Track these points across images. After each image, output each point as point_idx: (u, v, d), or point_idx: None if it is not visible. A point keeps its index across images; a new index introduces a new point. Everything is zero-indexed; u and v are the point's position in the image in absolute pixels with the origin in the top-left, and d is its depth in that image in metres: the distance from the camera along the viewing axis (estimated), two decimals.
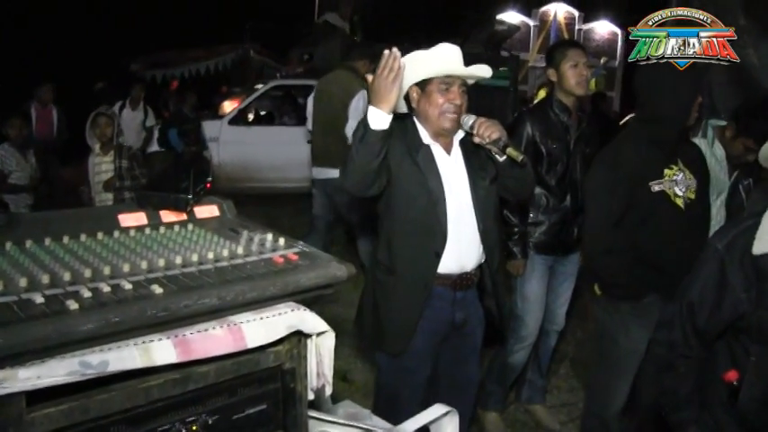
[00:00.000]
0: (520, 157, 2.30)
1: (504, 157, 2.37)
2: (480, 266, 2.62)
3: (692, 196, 2.81)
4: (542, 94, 10.00)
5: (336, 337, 1.65)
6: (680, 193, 2.77)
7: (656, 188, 2.75)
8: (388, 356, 2.63)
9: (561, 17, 20.83)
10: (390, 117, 2.19)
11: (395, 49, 2.12)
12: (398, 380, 2.64)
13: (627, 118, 5.76)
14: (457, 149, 2.57)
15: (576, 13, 21.07)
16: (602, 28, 21.25)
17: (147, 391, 1.32)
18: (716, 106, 4.04)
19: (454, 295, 2.58)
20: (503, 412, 3.78)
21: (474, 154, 2.55)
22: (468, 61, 2.49)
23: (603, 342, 2.97)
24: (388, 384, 2.71)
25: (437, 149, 2.52)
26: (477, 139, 2.38)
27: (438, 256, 2.50)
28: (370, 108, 2.18)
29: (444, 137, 2.53)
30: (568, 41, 3.40)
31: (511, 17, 20.29)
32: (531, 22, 20.82)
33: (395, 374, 2.65)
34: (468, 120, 2.41)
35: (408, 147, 2.48)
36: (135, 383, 1.30)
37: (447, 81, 2.44)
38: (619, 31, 20.89)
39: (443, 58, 2.44)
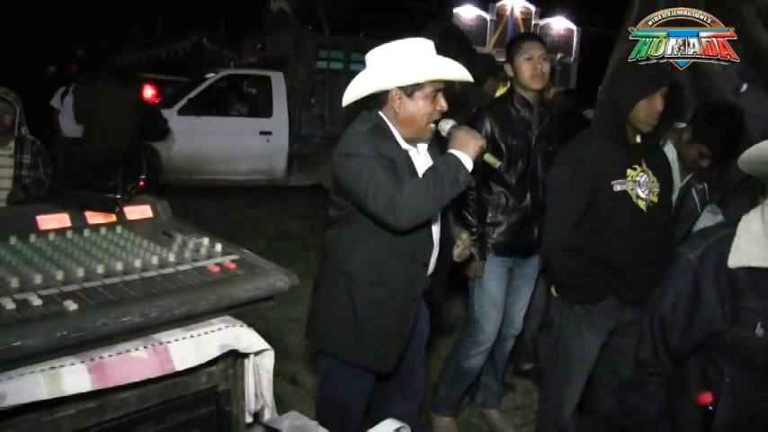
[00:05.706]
0: (497, 164, 2.27)
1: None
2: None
3: (655, 199, 2.72)
4: (501, 89, 9.94)
5: (285, 336, 1.51)
6: (642, 195, 2.68)
7: (617, 188, 2.65)
8: (341, 364, 2.43)
9: (518, 12, 20.92)
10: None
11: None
12: (349, 387, 2.47)
13: (586, 112, 5.69)
14: (424, 147, 2.41)
15: (533, 9, 21.19)
16: (559, 24, 21.42)
17: (56, 424, 1.15)
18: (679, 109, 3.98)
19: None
20: (457, 417, 3.67)
21: (434, 149, 2.44)
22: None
23: (558, 345, 2.89)
24: (337, 393, 2.51)
25: (414, 154, 2.36)
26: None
27: (426, 266, 2.37)
28: (463, 156, 2.16)
29: (418, 140, 2.37)
30: (526, 34, 3.31)
31: (467, 11, 20.35)
32: (488, 17, 20.86)
33: (347, 382, 2.47)
34: (446, 125, 2.29)
35: (391, 155, 2.27)
36: (41, 415, 1.13)
37: (438, 87, 2.26)
38: (574, 27, 21.10)
39: (440, 65, 2.25)
